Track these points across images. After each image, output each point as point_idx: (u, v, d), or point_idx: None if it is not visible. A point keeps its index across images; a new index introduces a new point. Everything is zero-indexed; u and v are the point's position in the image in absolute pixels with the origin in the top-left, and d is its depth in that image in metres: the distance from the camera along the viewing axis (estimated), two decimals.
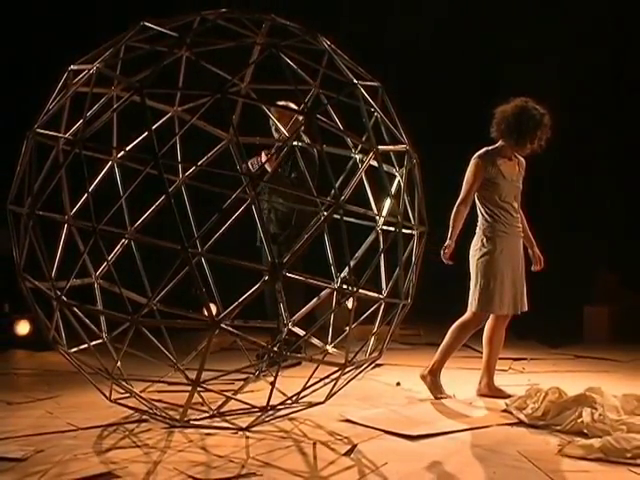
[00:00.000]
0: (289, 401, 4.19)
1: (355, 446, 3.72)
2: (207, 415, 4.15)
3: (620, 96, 8.28)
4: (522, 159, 4.88)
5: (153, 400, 4.21)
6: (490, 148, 4.81)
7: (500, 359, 4.97)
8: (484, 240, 4.73)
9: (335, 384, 4.14)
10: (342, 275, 4.69)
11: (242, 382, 4.94)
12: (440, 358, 4.86)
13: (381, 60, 7.20)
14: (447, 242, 4.72)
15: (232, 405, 4.30)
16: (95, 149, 4.48)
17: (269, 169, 5.64)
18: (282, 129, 5.43)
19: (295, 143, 5.46)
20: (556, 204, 7.93)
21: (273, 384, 3.93)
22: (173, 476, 3.29)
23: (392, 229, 4.20)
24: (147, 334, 4.53)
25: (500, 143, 4.81)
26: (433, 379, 4.82)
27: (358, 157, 4.80)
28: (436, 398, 4.73)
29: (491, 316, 4.86)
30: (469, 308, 4.78)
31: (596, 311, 7.57)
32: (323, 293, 4.82)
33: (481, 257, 4.71)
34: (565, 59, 8.17)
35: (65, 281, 3.98)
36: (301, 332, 4.91)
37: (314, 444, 3.77)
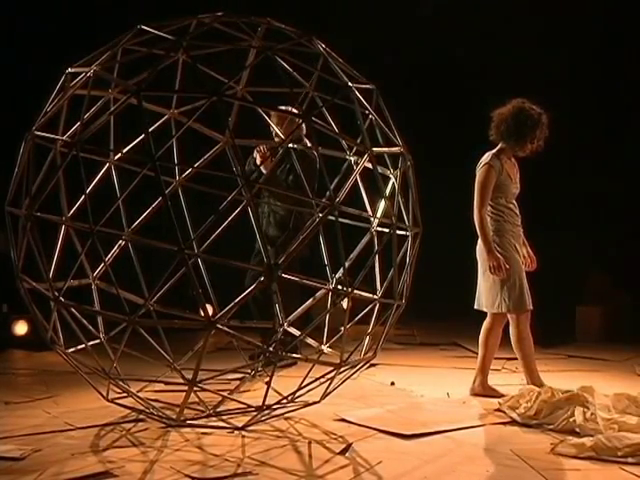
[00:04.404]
0: (285, 400, 4.22)
1: (350, 445, 3.75)
2: (203, 414, 4.18)
3: (610, 102, 8.32)
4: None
5: (150, 400, 4.23)
6: (494, 152, 4.83)
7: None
8: (497, 241, 4.76)
9: (330, 384, 4.17)
10: (337, 276, 4.72)
11: (238, 382, 4.97)
12: (525, 368, 4.84)
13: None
14: (494, 256, 4.67)
15: (228, 404, 4.34)
16: (93, 151, 4.51)
17: (264, 171, 5.66)
18: (280, 133, 5.45)
19: (293, 146, 5.49)
20: (548, 204, 7.96)
21: (269, 384, 3.96)
22: (170, 475, 3.32)
23: (386, 230, 4.23)
24: (144, 334, 4.55)
25: (500, 145, 4.84)
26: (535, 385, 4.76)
27: (353, 159, 4.83)
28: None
29: (489, 316, 4.89)
30: (500, 311, 4.75)
31: (588, 311, 7.59)
32: (318, 294, 4.85)
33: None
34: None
35: (63, 282, 4.00)
36: (296, 332, 4.94)
37: (309, 443, 3.80)
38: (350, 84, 4.07)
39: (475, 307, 4.96)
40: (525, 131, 4.74)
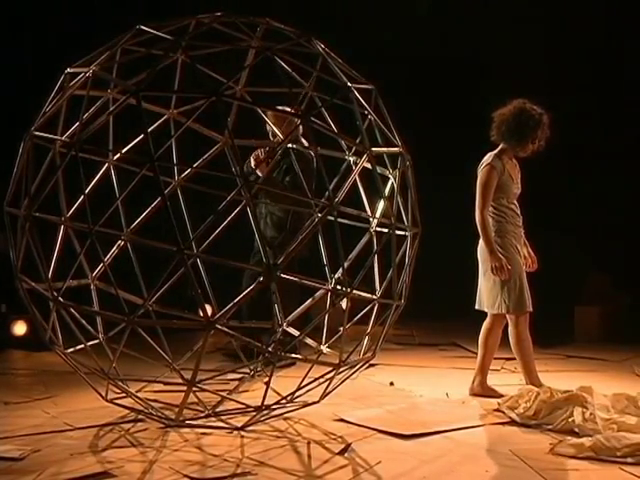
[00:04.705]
0: (284, 401, 4.22)
1: (349, 445, 3.75)
2: (202, 415, 4.17)
3: (610, 102, 8.32)
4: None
5: (149, 400, 4.23)
6: (496, 152, 4.82)
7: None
8: (499, 241, 4.75)
9: (329, 384, 4.17)
10: (336, 276, 4.71)
11: (237, 382, 4.97)
12: (524, 369, 4.84)
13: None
14: (496, 257, 4.66)
15: (227, 405, 4.33)
16: (92, 151, 4.51)
17: (260, 174, 5.66)
18: (279, 133, 5.45)
19: (291, 146, 5.48)
20: (547, 204, 7.97)
21: (268, 384, 3.95)
22: (169, 475, 3.32)
23: (385, 230, 4.23)
24: (143, 334, 4.55)
25: (502, 146, 4.83)
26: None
27: (352, 159, 4.83)
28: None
29: (489, 316, 4.89)
30: (500, 311, 4.75)
31: (587, 311, 7.60)
32: (318, 294, 4.85)
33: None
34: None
35: (62, 282, 4.00)
36: (294, 332, 4.94)
37: (308, 443, 3.80)
38: (349, 84, 4.07)
39: (476, 307, 4.96)
40: (526, 131, 4.73)
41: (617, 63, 8.33)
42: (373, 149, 4.01)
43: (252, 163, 5.62)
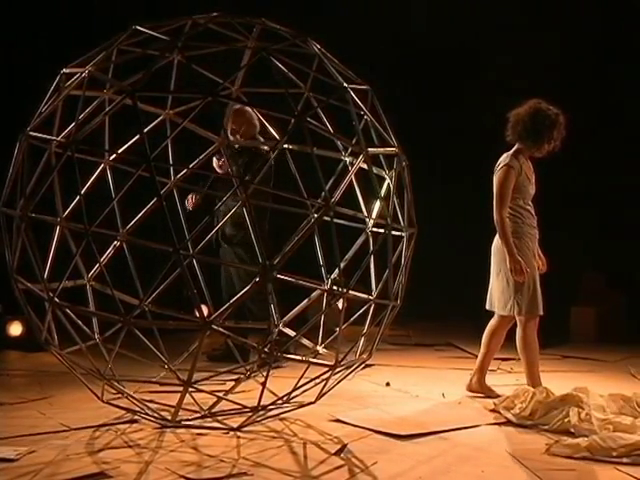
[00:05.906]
0: (280, 401, 4.21)
1: (345, 446, 3.75)
2: (198, 415, 4.17)
3: (608, 100, 8.33)
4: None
5: (145, 400, 4.22)
6: (512, 152, 4.79)
7: None
8: (516, 242, 4.70)
9: (325, 384, 4.16)
10: (332, 276, 4.71)
11: (233, 382, 4.96)
12: (528, 372, 4.80)
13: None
14: (515, 259, 4.63)
15: (223, 405, 4.32)
16: (87, 152, 4.50)
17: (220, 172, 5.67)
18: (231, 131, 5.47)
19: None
20: (542, 204, 7.98)
21: (264, 384, 3.95)
22: (165, 476, 3.32)
23: (382, 231, 4.23)
24: (139, 335, 4.54)
25: (517, 146, 4.81)
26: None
27: (348, 160, 4.83)
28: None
29: (496, 316, 4.88)
30: (511, 313, 4.74)
31: (583, 311, 7.61)
32: (314, 294, 4.85)
33: None
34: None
35: (57, 283, 3.99)
36: (290, 332, 4.94)
37: (304, 444, 3.80)
38: (345, 85, 4.07)
39: (487, 307, 4.93)
40: (542, 131, 4.70)
41: (616, 59, 8.34)
42: (369, 149, 4.01)
43: (214, 164, 5.63)
